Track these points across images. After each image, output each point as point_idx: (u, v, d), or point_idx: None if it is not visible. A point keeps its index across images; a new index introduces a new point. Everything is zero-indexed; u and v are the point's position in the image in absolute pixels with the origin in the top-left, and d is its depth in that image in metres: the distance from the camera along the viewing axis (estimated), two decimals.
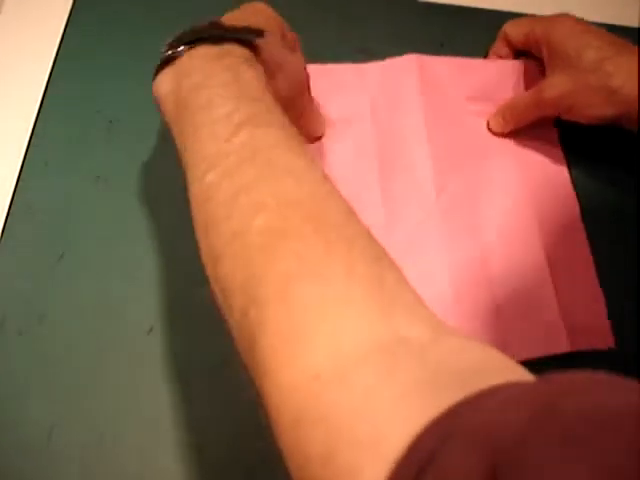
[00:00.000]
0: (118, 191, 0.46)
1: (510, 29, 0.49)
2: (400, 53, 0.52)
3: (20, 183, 0.46)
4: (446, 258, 0.43)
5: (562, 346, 0.41)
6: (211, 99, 0.32)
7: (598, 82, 0.42)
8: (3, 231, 0.44)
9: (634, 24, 0.55)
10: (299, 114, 0.43)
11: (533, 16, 0.51)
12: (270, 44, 0.37)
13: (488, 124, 0.48)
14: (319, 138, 0.47)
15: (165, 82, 0.35)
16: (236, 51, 0.35)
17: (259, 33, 0.37)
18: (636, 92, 0.41)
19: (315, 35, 0.53)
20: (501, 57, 0.50)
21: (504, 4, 0.55)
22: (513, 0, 0.55)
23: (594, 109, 0.43)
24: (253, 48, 0.36)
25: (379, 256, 0.27)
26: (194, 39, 0.35)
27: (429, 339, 0.24)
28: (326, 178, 0.30)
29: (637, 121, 0.42)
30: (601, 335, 0.42)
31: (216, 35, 0.35)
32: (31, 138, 0.47)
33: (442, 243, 0.43)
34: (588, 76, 0.42)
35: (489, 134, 0.48)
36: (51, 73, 0.50)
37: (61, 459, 0.39)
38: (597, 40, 0.44)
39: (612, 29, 0.54)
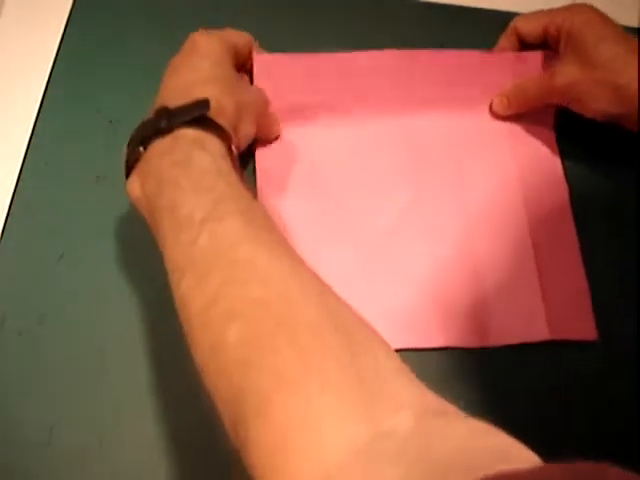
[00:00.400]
0: (118, 191, 0.46)
1: (523, 23, 0.48)
2: None
3: (20, 183, 0.46)
4: (432, 242, 0.43)
5: (542, 334, 0.41)
6: (172, 199, 0.33)
7: (607, 77, 0.42)
8: (3, 231, 0.44)
9: (634, 24, 0.55)
10: (260, 128, 0.43)
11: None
12: (223, 104, 0.38)
13: (491, 106, 0.47)
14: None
15: (134, 187, 0.36)
16: (187, 136, 0.35)
17: (204, 105, 0.36)
18: None
19: (314, 35, 0.53)
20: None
21: (504, 4, 0.55)
22: (513, 0, 0.55)
23: (600, 103, 0.43)
24: (206, 121, 0.36)
25: (355, 345, 0.27)
26: (147, 136, 0.36)
27: (410, 428, 0.24)
28: (292, 259, 0.30)
29: (637, 121, 0.42)
30: (584, 327, 0.42)
31: (164, 127, 0.35)
32: (31, 138, 0.47)
33: (428, 228, 0.44)
34: (599, 69, 0.42)
35: (480, 118, 0.48)
36: (51, 73, 0.50)
37: (61, 459, 0.39)
38: (614, 35, 0.44)
39: None
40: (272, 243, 0.31)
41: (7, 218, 0.45)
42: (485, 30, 0.54)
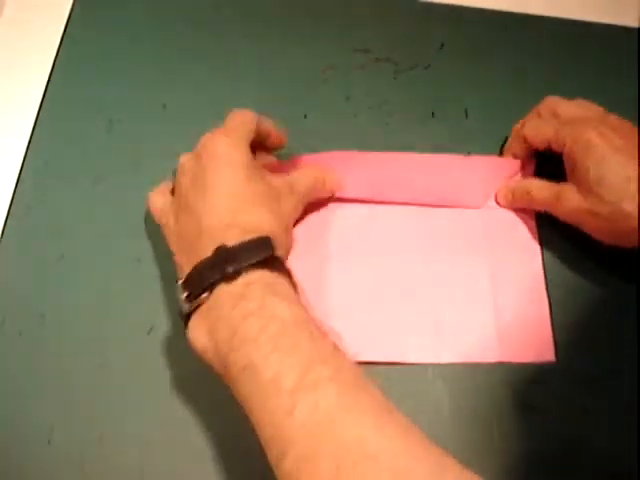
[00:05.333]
0: (118, 191, 0.46)
1: (530, 132, 0.45)
2: (400, 53, 0.52)
3: (20, 183, 0.46)
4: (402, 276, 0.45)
5: (493, 356, 0.42)
6: (250, 359, 0.30)
7: (609, 214, 0.40)
8: (3, 231, 0.44)
9: (634, 24, 0.55)
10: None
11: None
12: (276, 234, 0.36)
13: (496, 196, 0.47)
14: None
15: (198, 336, 0.33)
16: (257, 281, 0.33)
17: (267, 244, 0.34)
18: None
19: (315, 35, 0.53)
20: (517, 157, 0.47)
21: (504, 4, 0.55)
22: (513, 0, 0.55)
23: (601, 235, 0.42)
24: (269, 260, 0.34)
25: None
26: (212, 281, 0.33)
27: None
28: (397, 424, 0.29)
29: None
30: (541, 349, 0.43)
31: (230, 273, 0.33)
32: (31, 138, 0.47)
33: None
34: (601, 205, 0.40)
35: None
36: (51, 73, 0.50)
37: (61, 459, 0.39)
38: (616, 160, 0.40)
39: (612, 29, 0.54)
40: (372, 409, 0.29)
41: (7, 218, 0.45)
42: (485, 30, 0.54)
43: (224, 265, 0.33)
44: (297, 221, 0.44)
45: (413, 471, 0.27)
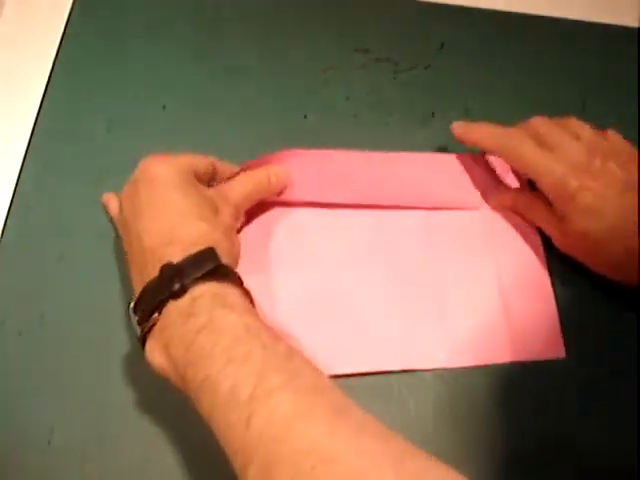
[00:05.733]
0: (118, 191, 0.46)
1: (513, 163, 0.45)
2: (400, 53, 0.52)
3: (20, 183, 0.46)
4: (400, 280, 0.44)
5: (506, 356, 0.42)
6: (206, 373, 0.31)
7: (598, 255, 0.42)
8: (3, 231, 0.44)
9: (634, 24, 0.55)
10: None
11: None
12: (219, 242, 0.36)
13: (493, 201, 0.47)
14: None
15: (154, 357, 0.34)
16: (205, 294, 0.33)
17: (211, 255, 0.34)
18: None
19: (315, 35, 0.53)
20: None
21: (504, 4, 0.55)
22: (513, 0, 0.55)
23: (598, 270, 0.43)
24: (216, 270, 0.34)
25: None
26: (160, 300, 0.33)
27: None
28: (356, 427, 0.29)
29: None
30: (551, 346, 0.43)
31: (178, 290, 0.33)
32: (31, 138, 0.47)
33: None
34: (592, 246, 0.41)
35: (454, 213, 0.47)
36: (51, 73, 0.50)
37: (61, 459, 0.39)
38: (602, 220, 0.40)
39: (612, 29, 0.54)
40: (326, 413, 0.29)
41: (7, 218, 0.45)
42: (485, 30, 0.54)
43: (170, 282, 0.33)
44: (267, 232, 0.44)
45: (371, 469, 0.27)
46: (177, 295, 0.33)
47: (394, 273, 0.44)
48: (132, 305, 0.35)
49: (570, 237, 0.42)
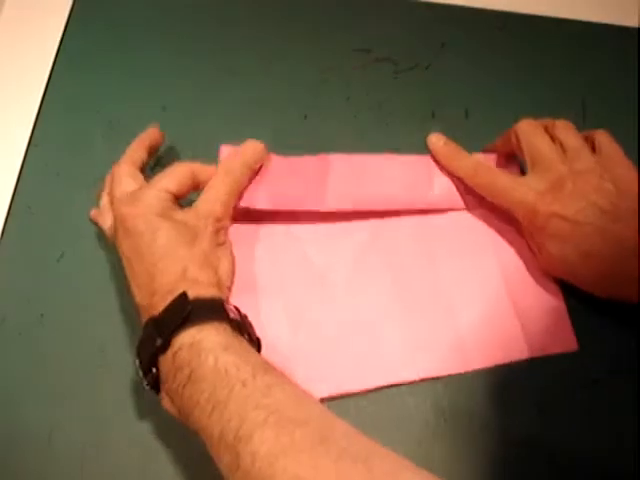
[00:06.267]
0: None
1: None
2: (400, 53, 0.52)
3: (20, 183, 0.46)
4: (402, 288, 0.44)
5: (522, 353, 0.42)
6: (199, 423, 0.32)
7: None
8: (3, 231, 0.44)
9: (634, 24, 0.55)
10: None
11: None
12: (196, 275, 0.36)
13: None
14: None
15: (168, 406, 0.35)
16: (183, 345, 0.33)
17: (183, 301, 0.34)
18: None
19: (315, 35, 0.53)
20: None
21: (504, 4, 0.55)
22: (513, 0, 0.55)
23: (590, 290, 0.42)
24: (195, 310, 0.34)
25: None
26: (152, 358, 0.34)
27: None
28: (338, 454, 0.29)
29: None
30: (563, 339, 0.43)
31: (161, 346, 0.33)
32: (31, 138, 0.47)
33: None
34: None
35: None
36: (51, 74, 0.50)
37: (61, 459, 0.39)
38: (579, 246, 0.40)
39: (612, 29, 0.54)
40: (307, 444, 0.29)
41: (7, 218, 0.45)
42: (485, 30, 0.54)
43: (154, 338, 0.34)
44: (249, 252, 0.43)
45: None
46: (163, 350, 0.34)
47: (395, 284, 0.44)
48: (137, 365, 0.35)
49: (549, 264, 0.42)
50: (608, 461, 0.40)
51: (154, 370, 0.34)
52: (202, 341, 0.33)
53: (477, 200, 0.46)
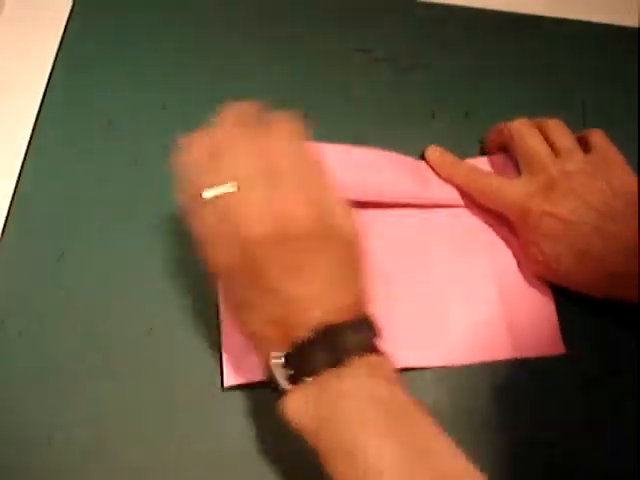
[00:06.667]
0: (118, 191, 0.46)
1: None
2: (400, 53, 0.52)
3: (20, 183, 0.46)
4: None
5: (507, 352, 0.42)
6: (346, 440, 0.31)
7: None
8: (3, 231, 0.44)
9: (634, 24, 0.55)
10: None
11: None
12: (363, 300, 0.35)
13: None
14: None
15: (296, 411, 0.33)
16: (361, 364, 0.32)
17: (371, 326, 0.34)
18: None
19: (315, 35, 0.53)
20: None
21: (504, 4, 0.55)
22: (513, 0, 0.55)
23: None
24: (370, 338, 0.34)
25: None
26: (320, 365, 0.32)
27: None
28: None
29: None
30: (551, 343, 0.43)
31: (337, 354, 0.32)
32: (31, 138, 0.47)
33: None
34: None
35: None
36: (51, 74, 0.50)
37: (61, 459, 0.39)
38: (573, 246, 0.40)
39: (612, 29, 0.54)
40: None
41: (7, 218, 0.45)
42: (485, 30, 0.54)
43: (330, 346, 0.32)
44: None
45: None
46: (336, 362, 0.32)
47: (390, 274, 0.44)
48: (282, 360, 0.33)
49: (544, 265, 0.42)
50: (608, 461, 0.40)
51: (312, 378, 0.32)
52: (378, 367, 0.33)
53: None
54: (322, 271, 0.34)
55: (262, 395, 0.40)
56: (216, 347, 0.41)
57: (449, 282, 0.44)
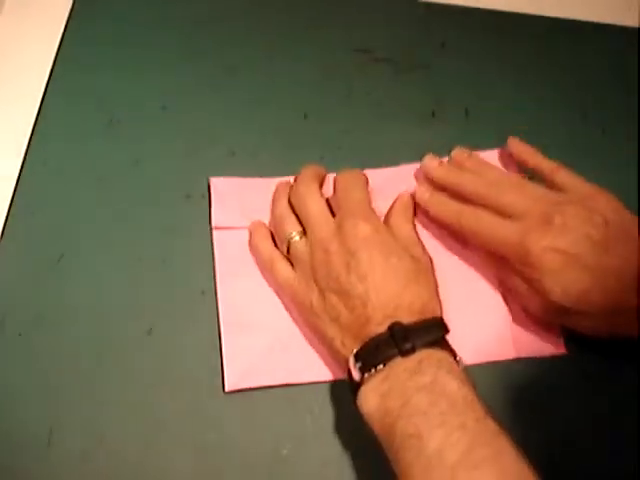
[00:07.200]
0: (118, 191, 0.46)
1: (434, 208, 0.45)
2: (400, 53, 0.52)
3: (20, 183, 0.46)
4: None
5: (508, 353, 0.42)
6: (418, 428, 0.32)
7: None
8: (3, 231, 0.44)
9: (634, 24, 0.55)
10: None
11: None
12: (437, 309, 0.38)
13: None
14: None
15: (370, 403, 0.35)
16: (431, 357, 0.35)
17: (440, 326, 0.37)
18: None
19: (315, 35, 0.53)
20: None
21: (504, 4, 0.55)
22: (513, 0, 0.55)
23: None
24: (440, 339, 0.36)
25: None
26: (388, 356, 0.35)
27: None
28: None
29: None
30: (552, 343, 0.43)
31: (406, 349, 0.35)
32: (31, 138, 0.47)
33: None
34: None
35: None
36: (51, 72, 0.50)
37: (61, 459, 0.39)
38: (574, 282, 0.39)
39: (612, 29, 0.54)
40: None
41: (7, 218, 0.45)
42: (485, 30, 0.54)
43: (402, 341, 0.35)
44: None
45: None
46: (406, 353, 0.35)
47: None
48: (353, 354, 0.36)
49: (548, 304, 0.40)
50: (608, 461, 0.40)
51: (381, 366, 0.35)
52: (449, 363, 0.35)
53: None
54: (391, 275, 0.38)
55: (263, 396, 0.40)
56: (216, 347, 0.41)
57: (449, 282, 0.44)
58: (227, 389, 0.40)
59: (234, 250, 0.44)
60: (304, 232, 0.42)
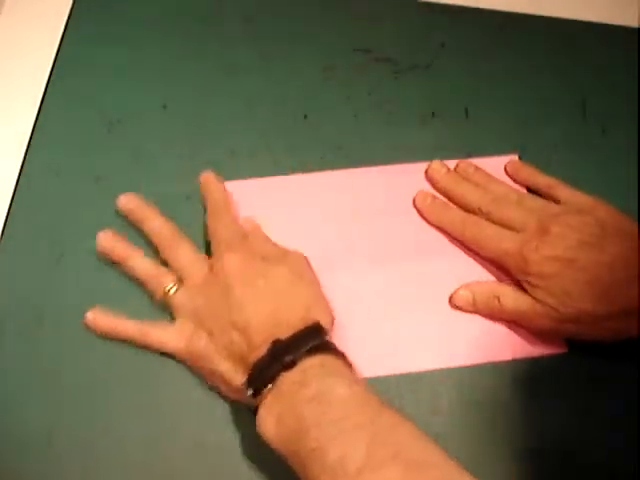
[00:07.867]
0: (118, 191, 0.46)
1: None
2: (400, 53, 0.52)
3: (20, 183, 0.46)
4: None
5: (509, 353, 0.42)
6: (318, 441, 0.32)
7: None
8: (3, 231, 0.44)
9: (634, 24, 0.55)
10: None
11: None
12: (325, 317, 0.38)
13: (450, 298, 0.44)
14: None
15: (267, 425, 0.34)
16: (314, 365, 0.34)
17: (318, 330, 0.36)
18: None
19: (315, 35, 0.53)
20: None
21: (504, 4, 0.55)
22: (513, 0, 0.55)
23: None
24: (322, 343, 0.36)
25: None
26: (272, 374, 0.35)
27: None
28: None
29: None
30: (553, 341, 0.43)
31: (289, 362, 0.34)
32: (31, 138, 0.47)
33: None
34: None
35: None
36: (51, 73, 0.50)
37: (61, 460, 0.39)
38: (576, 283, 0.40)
39: (612, 29, 0.54)
40: None
41: (7, 218, 0.45)
42: (485, 30, 0.54)
43: (281, 357, 0.35)
44: None
45: None
46: (288, 366, 0.34)
47: (389, 276, 0.44)
48: (244, 382, 0.36)
49: (554, 310, 0.40)
50: (608, 461, 0.40)
51: (269, 386, 0.34)
52: (333, 365, 0.35)
53: None
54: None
55: None
56: None
57: (449, 282, 0.44)
58: None
59: None
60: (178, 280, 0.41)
